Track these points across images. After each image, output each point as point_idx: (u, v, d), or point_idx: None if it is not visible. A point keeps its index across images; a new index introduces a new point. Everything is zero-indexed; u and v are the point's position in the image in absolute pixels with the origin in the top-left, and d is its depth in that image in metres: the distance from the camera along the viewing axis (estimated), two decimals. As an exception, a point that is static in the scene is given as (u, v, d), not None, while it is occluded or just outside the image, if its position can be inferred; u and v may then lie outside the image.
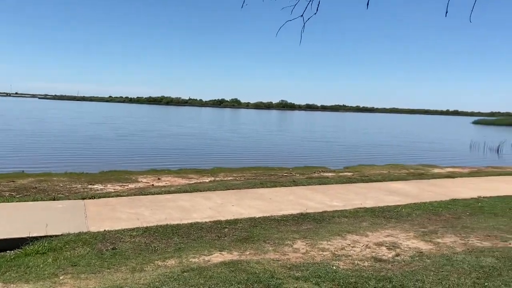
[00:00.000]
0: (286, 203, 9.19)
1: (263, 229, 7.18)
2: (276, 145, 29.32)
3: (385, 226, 7.61)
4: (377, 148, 29.77)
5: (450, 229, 7.37)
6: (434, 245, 6.38)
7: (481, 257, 5.51)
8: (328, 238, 6.72)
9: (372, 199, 9.88)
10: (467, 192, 10.93)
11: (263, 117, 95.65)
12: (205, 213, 8.09)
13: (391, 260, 5.57)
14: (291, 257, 5.72)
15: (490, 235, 6.94)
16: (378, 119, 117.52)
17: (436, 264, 5.26)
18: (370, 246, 6.34)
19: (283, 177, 13.95)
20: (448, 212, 8.69)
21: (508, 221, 7.98)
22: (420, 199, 10.01)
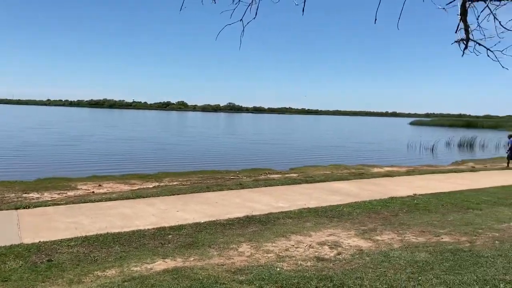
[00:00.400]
0: (233, 207, 9.19)
1: (208, 233, 7.13)
2: (224, 148, 29.27)
3: (328, 225, 7.82)
4: (321, 149, 30.56)
5: (388, 226, 7.70)
6: (373, 243, 6.63)
7: (415, 253, 5.80)
8: (273, 239, 6.79)
9: (316, 199, 10.12)
10: (404, 190, 11.49)
11: (210, 120, 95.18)
12: (148, 220, 7.90)
13: (333, 259, 5.73)
14: (236, 261, 5.72)
15: (424, 230, 7.33)
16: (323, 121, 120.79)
17: (375, 261, 5.48)
18: (313, 246, 6.48)
19: (230, 180, 13.94)
20: (386, 210, 9.08)
21: (440, 217, 8.47)
22: (361, 198, 10.38)
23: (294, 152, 27.31)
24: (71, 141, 29.40)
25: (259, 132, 52.17)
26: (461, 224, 7.73)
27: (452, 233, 7.11)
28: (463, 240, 6.59)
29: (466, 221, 8.01)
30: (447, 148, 34.44)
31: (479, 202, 10.02)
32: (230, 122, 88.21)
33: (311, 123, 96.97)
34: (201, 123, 75.72)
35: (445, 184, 12.83)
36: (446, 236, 6.93)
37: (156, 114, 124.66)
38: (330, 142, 38.48)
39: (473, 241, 6.48)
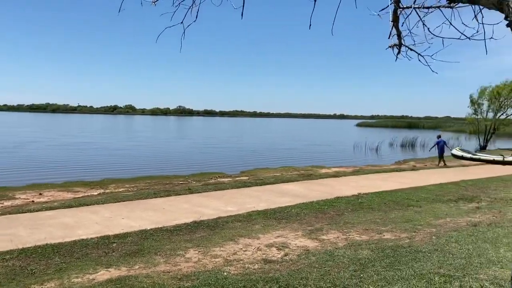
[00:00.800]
0: (180, 212, 9.05)
1: (154, 241, 6.97)
2: (173, 152, 28.81)
3: (276, 227, 7.89)
4: (272, 151, 30.88)
5: (334, 225, 7.90)
6: (319, 242, 6.77)
7: (359, 250, 5.99)
8: (221, 244, 6.76)
9: (265, 202, 10.19)
10: (349, 190, 11.84)
11: (160, 123, 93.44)
12: (92, 229, 7.60)
13: (279, 261, 5.79)
14: (182, 267, 5.63)
15: (367, 228, 7.59)
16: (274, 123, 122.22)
17: (320, 260, 5.60)
18: (261, 248, 6.51)
19: (178, 185, 13.73)
20: (332, 210, 9.31)
21: (383, 214, 8.80)
22: (309, 198, 10.58)
23: (245, 155, 27.40)
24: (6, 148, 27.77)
25: (209, 135, 51.88)
26: (402, 221, 8.08)
27: (393, 230, 7.41)
28: (403, 236, 6.89)
29: (407, 218, 8.38)
30: (391, 148, 35.96)
31: (419, 199, 10.53)
32: (180, 125, 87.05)
33: (262, 125, 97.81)
34: (150, 127, 74.16)
35: (388, 183, 13.37)
36: (388, 233, 7.21)
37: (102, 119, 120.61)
38: (281, 144, 38.98)
39: (412, 237, 6.79)
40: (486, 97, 37.61)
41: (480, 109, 37.99)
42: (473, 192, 11.64)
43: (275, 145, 37.21)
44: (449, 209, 9.30)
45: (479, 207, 9.49)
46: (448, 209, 9.37)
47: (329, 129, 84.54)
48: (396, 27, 3.77)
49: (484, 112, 37.92)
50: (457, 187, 12.64)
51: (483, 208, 9.32)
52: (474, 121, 38.17)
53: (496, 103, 37.16)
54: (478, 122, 37.66)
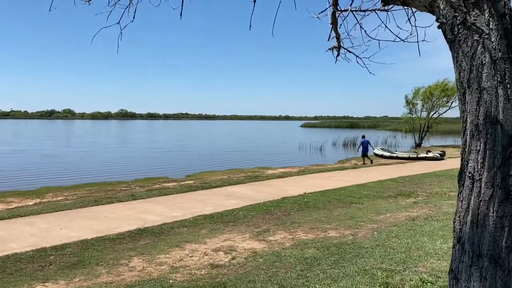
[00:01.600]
0: (124, 220, 8.73)
1: (96, 250, 6.66)
2: (115, 157, 27.81)
3: (223, 230, 7.82)
4: (218, 154, 30.72)
5: (281, 226, 7.96)
6: (267, 243, 6.79)
7: (305, 249, 6.07)
8: (166, 250, 6.58)
9: (212, 205, 10.08)
10: (295, 190, 12.02)
11: (100, 128, 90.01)
12: (26, 241, 7.12)
13: (227, 265, 5.73)
14: (126, 277, 5.41)
15: (313, 227, 7.72)
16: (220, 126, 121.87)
17: (267, 262, 5.60)
18: (208, 253, 6.42)
19: (121, 192, 13.26)
20: (279, 210, 9.38)
21: (327, 213, 9.01)
22: (255, 200, 10.61)
23: (191, 159, 27.03)
24: None
25: (153, 139, 50.70)
26: (345, 219, 8.30)
27: (338, 227, 7.59)
28: (347, 233, 7.08)
29: (350, 215, 8.63)
30: (334, 147, 37.03)
31: (361, 196, 10.89)
32: (122, 129, 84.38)
33: (208, 128, 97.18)
34: (90, 131, 71.23)
35: (331, 182, 13.73)
36: (332, 231, 7.38)
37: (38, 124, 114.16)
38: (227, 146, 38.89)
39: (355, 233, 6.99)
40: (420, 97, 39.86)
41: (415, 108, 40.21)
42: (410, 188, 12.23)
43: (222, 148, 37.07)
44: (389, 205, 9.70)
45: (416, 202, 9.98)
46: (388, 204, 9.76)
47: (274, 131, 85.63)
48: (335, 29, 3.85)
49: (418, 112, 40.20)
50: (396, 183, 13.23)
51: (420, 203, 9.81)
52: (410, 120, 40.27)
53: (429, 102, 39.48)
54: (413, 121, 39.77)
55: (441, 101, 39.18)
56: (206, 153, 31.20)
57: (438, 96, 38.73)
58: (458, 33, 1.64)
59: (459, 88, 1.72)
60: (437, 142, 44.21)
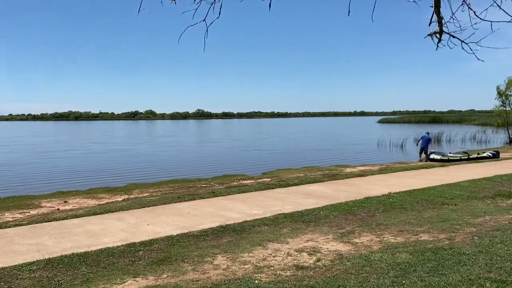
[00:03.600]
0: (206, 216, 8.85)
1: (181, 247, 6.78)
2: (194, 155, 28.80)
3: (305, 230, 7.60)
4: (293, 151, 30.54)
5: (366, 227, 7.56)
6: (352, 246, 6.45)
7: (396, 254, 5.65)
8: (249, 249, 6.51)
9: (291, 204, 9.91)
10: (379, 189, 11.44)
11: (180, 127, 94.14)
12: (117, 236, 7.46)
13: (312, 267, 5.50)
14: (211, 275, 5.41)
15: (402, 230, 7.22)
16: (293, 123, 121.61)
17: (356, 266, 5.29)
18: (291, 253, 6.24)
19: (202, 189, 13.57)
20: (363, 211, 8.95)
21: (416, 214, 8.41)
22: (336, 199, 10.25)
23: (266, 156, 27.15)
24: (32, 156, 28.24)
25: (229, 137, 51.84)
26: (438, 221, 7.68)
27: (430, 230, 7.03)
28: (442, 237, 6.51)
29: (443, 217, 7.97)
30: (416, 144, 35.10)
31: (453, 197, 10.07)
32: (199, 128, 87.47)
33: (281, 125, 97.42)
34: (170, 131, 74.72)
35: (418, 181, 12.90)
36: (425, 234, 6.84)
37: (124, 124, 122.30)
38: (302, 144, 38.58)
39: (452, 238, 6.41)
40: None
41: (508, 100, 36.79)
42: (510, 188, 11.09)
43: (296, 145, 36.82)
44: (487, 207, 8.84)
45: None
46: (485, 206, 8.90)
47: (350, 127, 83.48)
48: (437, 12, 3.45)
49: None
50: (492, 182, 12.09)
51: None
52: (502, 113, 36.94)
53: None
54: (507, 114, 36.43)
55: (539, 92, 35.44)
56: (281, 151, 31.17)
57: (535, 87, 35.07)
58: None
59: None
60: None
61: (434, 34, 3.63)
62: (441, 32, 3.57)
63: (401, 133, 43.93)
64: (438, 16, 3.45)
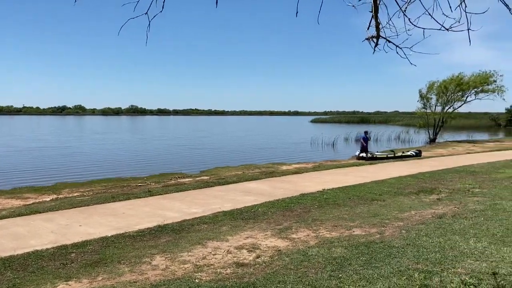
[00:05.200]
0: (142, 216, 8.61)
1: (117, 248, 6.54)
2: (128, 153, 27.85)
3: (244, 227, 7.66)
4: (231, 149, 30.60)
5: (302, 223, 7.77)
6: (290, 241, 6.61)
7: (332, 248, 5.87)
8: (188, 248, 6.44)
9: (230, 202, 9.93)
10: (313, 186, 11.81)
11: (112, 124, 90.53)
12: (47, 238, 7.03)
13: (252, 263, 5.56)
14: (150, 276, 5.28)
15: (336, 225, 7.52)
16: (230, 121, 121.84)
17: (295, 261, 5.42)
18: (231, 251, 6.26)
19: (137, 188, 13.18)
20: (299, 207, 9.19)
21: (349, 210, 8.79)
22: (274, 196, 10.43)
23: (204, 154, 26.96)
24: None
25: (165, 135, 50.77)
26: (368, 216, 8.08)
27: (362, 225, 7.38)
28: (373, 231, 6.87)
29: (373, 212, 8.41)
30: (346, 143, 36.69)
31: (382, 193, 10.65)
32: (134, 125, 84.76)
33: (218, 124, 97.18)
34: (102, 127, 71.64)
35: (349, 178, 13.49)
36: (357, 229, 7.17)
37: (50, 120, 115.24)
38: (239, 142, 38.78)
39: (382, 232, 6.78)
40: (434, 91, 39.27)
41: (429, 103, 39.65)
42: (431, 184, 11.95)
43: (234, 143, 36.95)
44: (412, 202, 9.46)
45: (440, 199, 9.72)
46: (411, 202, 9.52)
47: (285, 126, 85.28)
48: (375, 17, 3.63)
49: (432, 106, 39.63)
50: (416, 179, 12.95)
51: (444, 200, 9.55)
52: (424, 115, 39.71)
53: (443, 97, 38.88)
54: (427, 116, 39.21)
55: (456, 95, 38.59)
56: (219, 149, 31.12)
57: (453, 91, 38.14)
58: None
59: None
60: (452, 137, 43.62)
61: (371, 38, 3.82)
62: (378, 36, 3.75)
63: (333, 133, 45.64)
64: (376, 21, 3.63)
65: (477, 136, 46.09)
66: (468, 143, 34.81)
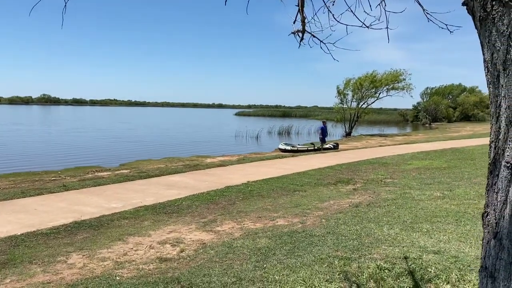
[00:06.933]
0: (57, 212, 8.06)
1: (27, 247, 6.05)
2: (39, 145, 25.89)
3: (167, 222, 7.50)
4: (152, 141, 29.76)
5: (227, 215, 7.79)
6: (215, 234, 6.59)
7: (256, 239, 5.95)
8: (108, 245, 6.15)
9: (153, 195, 9.66)
10: (238, 178, 11.89)
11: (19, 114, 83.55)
12: None
13: (176, 258, 5.46)
14: (65, 275, 4.96)
15: (260, 216, 7.64)
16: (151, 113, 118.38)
17: (220, 253, 5.41)
18: (153, 246, 6.09)
19: (50, 182, 12.29)
20: (224, 199, 9.20)
21: (273, 201, 8.98)
22: (198, 189, 10.33)
23: (124, 147, 25.89)
24: None
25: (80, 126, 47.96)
26: (291, 206, 8.32)
27: (285, 215, 7.58)
28: (295, 221, 7.07)
29: (295, 203, 8.66)
30: (269, 136, 37.46)
31: (303, 184, 11.01)
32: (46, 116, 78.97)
33: (139, 115, 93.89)
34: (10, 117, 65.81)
35: (273, 170, 13.78)
36: (280, 219, 7.34)
37: None
38: (162, 134, 37.83)
39: (304, 221, 7.01)
40: (350, 88, 41.46)
41: (346, 99, 41.80)
42: (348, 175, 12.60)
43: (156, 135, 35.97)
44: (331, 192, 9.90)
45: (356, 189, 10.28)
46: (329, 192, 9.96)
47: (209, 118, 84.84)
48: (301, 12, 3.70)
49: (349, 102, 41.83)
50: (334, 171, 13.58)
51: (359, 190, 10.12)
52: (341, 110, 41.80)
53: (359, 93, 41.21)
54: (344, 111, 41.32)
55: (370, 92, 41.08)
56: (140, 141, 30.10)
57: (367, 87, 40.54)
58: (491, 10, 1.54)
59: (490, 71, 1.63)
60: (365, 131, 46.38)
61: (297, 32, 3.89)
62: (303, 31, 3.83)
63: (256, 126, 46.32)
64: (302, 15, 3.70)
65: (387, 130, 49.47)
66: (380, 137, 37.25)
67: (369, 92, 41.12)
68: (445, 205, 7.83)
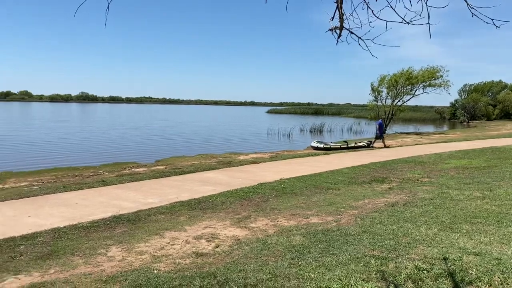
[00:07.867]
0: (96, 206, 8.33)
1: (70, 240, 6.30)
2: (80, 141, 26.81)
3: (202, 217, 7.61)
4: (187, 138, 30.23)
5: (261, 212, 7.83)
6: (249, 231, 6.64)
7: (291, 237, 5.96)
8: (145, 239, 6.31)
9: (188, 191, 9.82)
10: (271, 176, 11.91)
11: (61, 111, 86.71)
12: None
13: (212, 253, 5.54)
14: (106, 268, 5.13)
15: (294, 214, 7.63)
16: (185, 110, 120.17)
17: (254, 250, 5.45)
18: (189, 241, 6.20)
19: (90, 177, 12.72)
20: (257, 196, 9.25)
21: (306, 199, 8.95)
22: (232, 186, 10.43)
23: (159, 143, 26.45)
24: None
25: (118, 123, 49.28)
26: (325, 205, 8.27)
27: (319, 214, 7.54)
28: (329, 220, 7.03)
29: (329, 201, 8.60)
30: (301, 133, 37.28)
31: (336, 182, 10.92)
32: (85, 113, 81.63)
33: (173, 112, 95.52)
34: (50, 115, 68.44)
35: (305, 167, 13.72)
36: (314, 217, 7.31)
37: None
38: (196, 131, 38.36)
39: (338, 220, 6.95)
40: (385, 85, 40.58)
41: (380, 96, 40.97)
42: (383, 174, 12.39)
43: (190, 132, 36.51)
44: (365, 191, 9.76)
45: (391, 188, 10.09)
46: (364, 190, 9.82)
47: (241, 116, 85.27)
48: (340, 9, 3.67)
49: (383, 99, 40.98)
50: (368, 169, 13.38)
51: (395, 189, 9.93)
52: (375, 107, 41.01)
53: (393, 90, 40.29)
54: (378, 108, 40.52)
55: (406, 89, 40.08)
56: (174, 138, 30.64)
57: (403, 84, 39.57)
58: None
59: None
60: (400, 129, 45.38)
61: (334, 29, 3.85)
62: (341, 27, 3.79)
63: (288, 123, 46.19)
64: (340, 12, 3.66)
65: (423, 129, 48.24)
66: (416, 135, 36.37)
67: (405, 89, 40.12)
68: (486, 205, 7.58)
